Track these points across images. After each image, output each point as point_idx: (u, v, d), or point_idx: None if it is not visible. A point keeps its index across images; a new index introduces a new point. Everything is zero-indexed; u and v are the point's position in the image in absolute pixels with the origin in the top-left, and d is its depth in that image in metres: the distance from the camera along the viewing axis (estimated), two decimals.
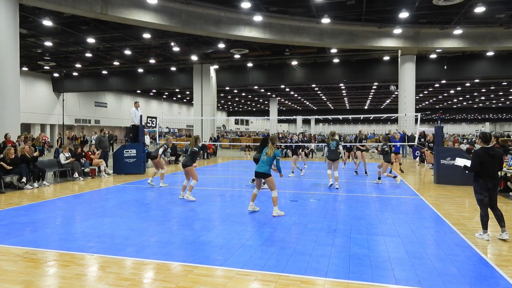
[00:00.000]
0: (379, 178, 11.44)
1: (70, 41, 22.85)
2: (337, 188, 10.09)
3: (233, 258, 4.55)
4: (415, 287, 3.76)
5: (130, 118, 14.42)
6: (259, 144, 9.61)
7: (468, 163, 5.72)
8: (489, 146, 5.52)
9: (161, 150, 10.63)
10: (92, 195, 9.39)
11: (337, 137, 11.00)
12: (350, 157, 17.14)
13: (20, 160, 10.33)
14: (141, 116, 14.27)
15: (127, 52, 24.96)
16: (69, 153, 12.46)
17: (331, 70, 28.37)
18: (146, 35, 20.85)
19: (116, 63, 29.17)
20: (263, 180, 7.22)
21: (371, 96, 48.70)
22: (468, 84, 37.57)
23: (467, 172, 5.75)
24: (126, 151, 13.66)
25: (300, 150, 15.26)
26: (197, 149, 8.79)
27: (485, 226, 5.45)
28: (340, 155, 10.68)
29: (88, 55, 26.22)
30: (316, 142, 23.26)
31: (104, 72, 32.97)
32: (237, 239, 5.39)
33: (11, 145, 11.86)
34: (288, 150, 22.29)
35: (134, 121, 14.19)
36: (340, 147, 10.54)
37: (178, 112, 58.91)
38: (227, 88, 38.64)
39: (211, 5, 17.91)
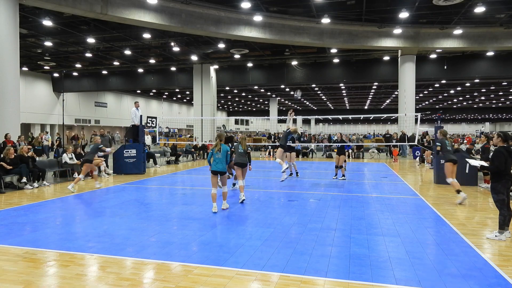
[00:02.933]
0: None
1: (70, 41, 22.83)
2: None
3: (233, 258, 4.55)
4: (415, 287, 3.76)
5: (130, 118, 14.44)
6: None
7: (481, 163, 5.70)
8: (507, 145, 5.52)
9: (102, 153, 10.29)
10: (92, 195, 9.39)
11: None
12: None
13: (19, 160, 10.34)
14: (141, 116, 14.29)
15: (127, 52, 24.95)
16: (72, 154, 12.41)
17: (331, 70, 28.32)
18: (146, 35, 20.83)
19: (116, 63, 29.16)
20: (219, 177, 7.42)
21: (371, 96, 48.68)
22: (468, 84, 37.54)
23: (485, 171, 5.72)
24: (126, 151, 13.67)
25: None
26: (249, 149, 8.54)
27: (503, 227, 5.43)
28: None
29: (88, 55, 26.20)
30: (317, 142, 23.26)
31: (104, 72, 32.93)
32: (237, 239, 5.39)
33: (11, 145, 11.86)
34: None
35: (134, 121, 14.21)
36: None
37: (178, 112, 58.88)
38: (227, 88, 38.61)
39: (211, 5, 17.90)
